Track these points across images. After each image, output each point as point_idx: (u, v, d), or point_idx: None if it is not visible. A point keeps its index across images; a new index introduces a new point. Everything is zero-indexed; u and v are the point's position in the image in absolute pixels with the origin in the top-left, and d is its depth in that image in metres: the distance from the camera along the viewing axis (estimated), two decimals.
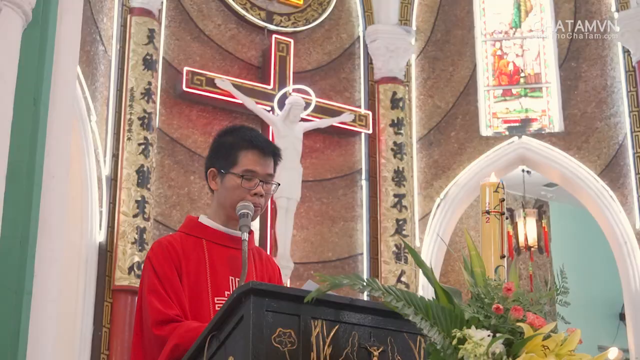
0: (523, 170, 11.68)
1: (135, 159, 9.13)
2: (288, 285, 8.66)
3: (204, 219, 3.22)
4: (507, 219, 2.91)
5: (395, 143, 10.88)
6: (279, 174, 9.95)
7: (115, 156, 9.18)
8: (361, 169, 10.97)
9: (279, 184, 3.36)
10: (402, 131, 10.94)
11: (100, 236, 8.88)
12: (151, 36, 9.61)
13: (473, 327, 1.99)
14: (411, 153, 11.10)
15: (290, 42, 10.75)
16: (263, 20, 10.81)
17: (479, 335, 1.95)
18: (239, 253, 3.00)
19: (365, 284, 1.98)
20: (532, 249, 11.40)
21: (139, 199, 9.02)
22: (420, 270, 8.12)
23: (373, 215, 10.77)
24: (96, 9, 9.18)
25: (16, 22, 3.84)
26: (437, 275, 8.49)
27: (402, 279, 10.32)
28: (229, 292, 2.95)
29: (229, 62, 10.52)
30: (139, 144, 9.19)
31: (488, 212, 2.91)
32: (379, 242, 10.58)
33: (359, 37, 11.46)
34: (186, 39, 10.33)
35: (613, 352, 12.51)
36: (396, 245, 10.46)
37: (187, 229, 3.20)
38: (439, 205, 11.03)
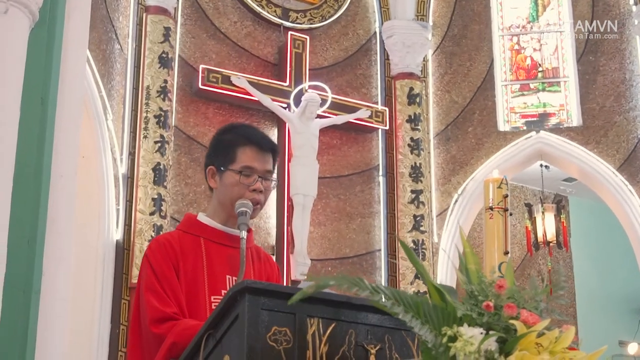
0: (541, 165, 11.62)
1: (151, 156, 9.15)
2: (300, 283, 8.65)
3: (202, 217, 3.22)
4: (510, 214, 2.89)
5: (412, 139, 10.85)
6: (294, 171, 9.93)
7: (131, 154, 9.21)
8: (378, 165, 10.95)
9: (278, 181, 3.36)
10: (419, 127, 10.91)
11: (118, 234, 8.91)
12: (167, 34, 9.62)
13: (465, 324, 1.98)
14: (428, 149, 11.07)
15: (306, 38, 10.74)
16: (279, 17, 10.81)
17: (470, 333, 1.94)
18: (238, 252, 3.00)
19: (352, 283, 1.97)
20: (551, 244, 11.34)
21: (156, 196, 9.04)
22: (439, 266, 8.09)
23: (390, 212, 10.75)
24: (112, 8, 9.21)
25: (23, 22, 3.85)
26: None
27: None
28: (225, 291, 2.95)
29: (245, 60, 10.52)
30: (155, 142, 9.21)
31: (491, 209, 2.90)
32: (397, 239, 10.56)
33: (375, 32, 11.44)
34: (202, 37, 10.34)
35: (633, 347, 12.46)
36: (414, 242, 10.44)
37: (185, 227, 3.20)
38: (456, 201, 10.99)
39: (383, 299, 2.00)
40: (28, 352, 3.63)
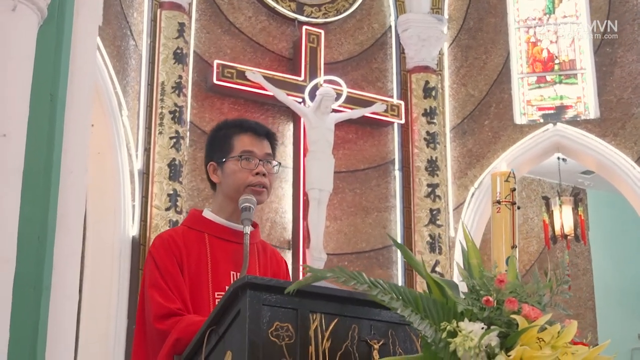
0: (558, 158, 11.55)
1: (167, 152, 9.16)
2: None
3: (207, 213, 3.21)
4: (518, 208, 2.87)
5: (428, 132, 10.82)
6: (310, 166, 9.91)
7: (147, 150, 9.22)
8: (394, 159, 10.92)
9: (280, 163, 3.35)
10: (435, 120, 10.87)
11: (133, 230, 8.93)
12: (181, 30, 9.63)
13: (466, 319, 1.96)
14: (444, 142, 11.03)
15: (320, 33, 10.72)
16: (293, 12, 10.79)
17: (470, 328, 1.92)
18: (242, 247, 2.99)
19: (349, 276, 1.95)
20: (569, 237, 11.27)
21: (171, 192, 9.05)
22: (455, 260, 8.06)
23: (407, 206, 10.72)
24: (126, 4, 9.23)
25: (31, 19, 3.84)
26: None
27: (437, 269, 10.27)
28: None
29: (260, 55, 10.52)
30: (171, 138, 9.22)
31: (499, 202, 2.89)
32: (413, 233, 10.54)
33: (390, 26, 11.40)
34: (217, 32, 10.34)
35: None
36: (430, 235, 10.41)
37: (190, 223, 3.20)
38: (473, 194, 10.95)
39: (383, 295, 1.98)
40: (39, 348, 3.63)
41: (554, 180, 12.09)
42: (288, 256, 9.92)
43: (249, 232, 2.99)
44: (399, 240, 10.58)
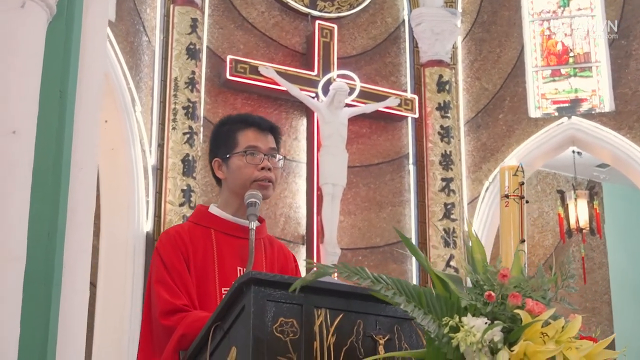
0: (573, 152, 11.50)
1: (180, 148, 9.17)
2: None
3: (213, 209, 3.21)
4: (527, 202, 2.85)
5: (442, 127, 10.79)
6: (323, 161, 9.90)
7: (160, 146, 9.24)
8: (408, 153, 10.90)
9: (285, 157, 3.35)
10: (449, 114, 10.84)
11: (147, 226, 8.95)
12: (194, 25, 9.63)
13: (469, 314, 1.95)
14: (459, 136, 11.00)
15: (333, 27, 10.70)
16: (306, 7, 10.78)
17: (473, 323, 1.91)
18: (248, 243, 2.98)
19: (352, 272, 1.95)
20: (584, 230, 11.23)
21: (185, 188, 9.07)
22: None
23: (421, 200, 10.70)
24: (139, 0, 9.24)
25: (40, 16, 3.85)
26: (487, 259, 8.41)
27: (451, 263, 10.24)
28: None
29: (273, 50, 10.51)
30: (184, 133, 9.23)
31: (507, 196, 2.85)
32: (427, 227, 10.52)
33: (404, 20, 11.37)
34: (229, 27, 10.34)
35: None
36: (444, 230, 10.39)
37: (196, 219, 3.19)
38: (487, 188, 10.91)
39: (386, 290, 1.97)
40: (49, 344, 3.64)
41: (569, 173, 12.03)
42: (302, 251, 9.92)
43: (254, 228, 2.99)
44: (413, 235, 10.57)
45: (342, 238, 10.10)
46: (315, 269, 2.16)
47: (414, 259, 10.40)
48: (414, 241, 10.57)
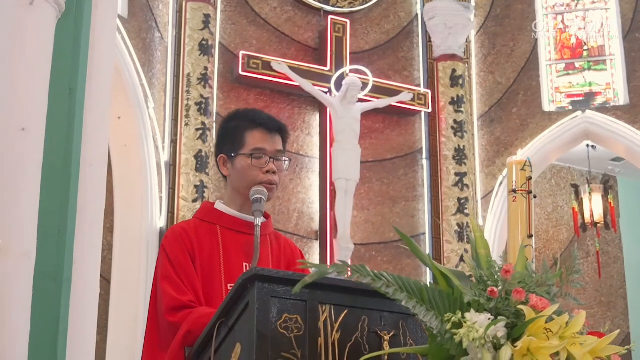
0: (588, 146, 11.45)
1: (193, 144, 9.18)
2: None
3: (219, 205, 3.21)
4: (535, 197, 2.83)
5: (455, 121, 10.76)
6: (336, 156, 9.88)
7: (173, 142, 9.25)
8: (421, 148, 10.87)
9: (290, 160, 3.33)
10: (462, 109, 10.81)
11: (161, 221, 8.97)
12: (207, 21, 9.63)
13: (472, 310, 1.95)
14: (472, 131, 10.97)
15: (346, 22, 10.68)
16: (319, 2, 10.76)
17: (475, 319, 1.90)
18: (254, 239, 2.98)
19: (353, 270, 1.94)
20: (599, 225, 11.18)
21: (198, 183, 9.08)
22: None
23: (434, 195, 10.67)
24: None
25: (50, 13, 3.85)
26: (499, 254, 8.39)
27: (465, 258, 10.22)
28: None
29: (286, 45, 10.51)
30: (197, 129, 9.24)
31: (515, 191, 2.84)
32: (441, 222, 10.50)
33: (417, 15, 11.34)
34: (242, 23, 10.34)
35: None
36: (458, 225, 10.36)
37: (202, 215, 3.19)
38: (501, 183, 10.87)
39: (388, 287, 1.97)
40: (60, 340, 3.65)
41: (583, 167, 11.98)
42: (315, 247, 9.92)
43: (259, 224, 2.98)
44: (426, 230, 10.55)
45: (355, 233, 10.09)
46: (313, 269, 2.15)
47: (429, 253, 10.39)
48: (427, 236, 10.55)
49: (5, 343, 3.32)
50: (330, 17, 10.62)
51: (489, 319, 1.93)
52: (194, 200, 9.01)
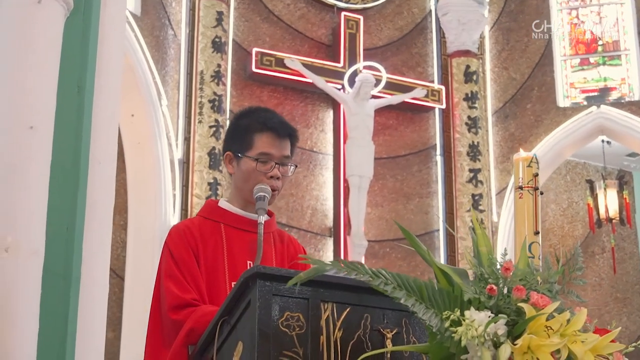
0: (603, 141, 11.39)
1: (206, 141, 9.20)
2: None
3: (223, 203, 3.20)
4: (541, 194, 2.82)
5: (469, 117, 10.73)
6: (350, 153, 9.87)
7: (187, 139, 9.27)
8: (435, 144, 10.86)
9: (296, 166, 3.31)
10: (476, 105, 10.78)
11: (174, 219, 8.98)
12: (220, 18, 9.64)
13: (472, 308, 1.94)
14: (486, 127, 10.94)
15: (359, 19, 10.67)
16: None
17: (475, 317, 1.89)
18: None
19: (350, 268, 1.93)
20: (614, 220, 11.13)
21: (212, 181, 9.09)
22: (498, 245, 7.95)
23: (448, 191, 10.66)
24: None
25: (58, 11, 3.85)
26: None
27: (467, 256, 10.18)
28: None
29: (299, 42, 10.50)
30: (210, 127, 9.25)
31: (521, 188, 2.83)
32: (455, 218, 10.47)
33: (430, 11, 11.32)
34: (255, 20, 10.34)
35: None
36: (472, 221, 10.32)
37: (205, 213, 3.19)
38: None
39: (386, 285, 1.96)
40: (69, 340, 3.66)
41: (598, 163, 11.92)
42: (329, 243, 9.92)
43: (262, 222, 2.97)
44: (440, 226, 10.53)
45: (369, 230, 10.08)
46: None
47: (442, 250, 10.38)
48: (441, 232, 10.53)
49: (14, 341, 3.33)
50: (343, 13, 10.61)
51: (489, 316, 1.92)
52: (207, 198, 9.02)
